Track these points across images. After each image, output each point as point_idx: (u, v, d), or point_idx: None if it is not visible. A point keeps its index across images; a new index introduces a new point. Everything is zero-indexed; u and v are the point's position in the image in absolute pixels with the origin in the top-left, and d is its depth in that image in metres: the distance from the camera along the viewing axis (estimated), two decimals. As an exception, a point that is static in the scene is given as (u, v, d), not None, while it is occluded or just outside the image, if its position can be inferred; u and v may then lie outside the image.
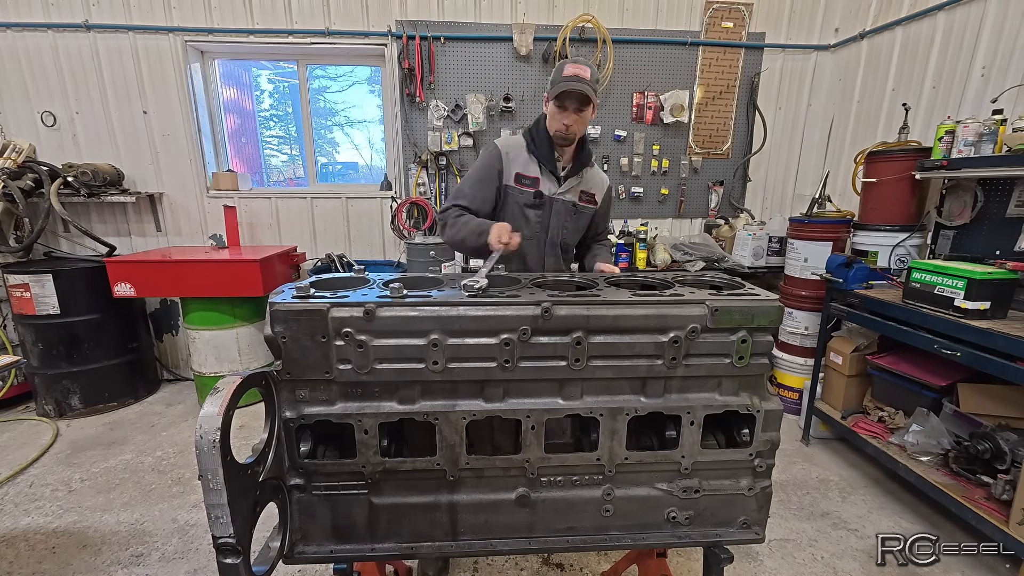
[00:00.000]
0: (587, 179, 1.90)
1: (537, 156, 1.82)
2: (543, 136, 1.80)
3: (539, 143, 1.81)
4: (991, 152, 2.33)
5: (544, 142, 1.80)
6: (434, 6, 3.58)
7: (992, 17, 2.67)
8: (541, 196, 1.82)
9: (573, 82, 1.64)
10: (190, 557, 2.08)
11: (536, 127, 1.84)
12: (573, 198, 1.88)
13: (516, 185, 1.82)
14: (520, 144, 1.85)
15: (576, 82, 1.64)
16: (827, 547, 2.17)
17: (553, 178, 1.84)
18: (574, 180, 1.87)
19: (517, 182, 1.82)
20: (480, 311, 1.05)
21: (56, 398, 3.33)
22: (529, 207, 1.83)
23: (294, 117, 5.22)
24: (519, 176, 1.82)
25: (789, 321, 3.34)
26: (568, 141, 1.77)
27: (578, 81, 1.64)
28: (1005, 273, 2.00)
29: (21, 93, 3.46)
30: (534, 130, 1.84)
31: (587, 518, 1.18)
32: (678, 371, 1.11)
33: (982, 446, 2.06)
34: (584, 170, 1.88)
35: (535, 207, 1.84)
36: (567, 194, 1.86)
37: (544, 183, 1.83)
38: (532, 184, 1.82)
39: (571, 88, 1.63)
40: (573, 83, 1.64)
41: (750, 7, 3.77)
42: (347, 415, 1.07)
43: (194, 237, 3.84)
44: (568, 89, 1.64)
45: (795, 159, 4.13)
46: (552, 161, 1.82)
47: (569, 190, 1.86)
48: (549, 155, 1.81)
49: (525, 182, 1.82)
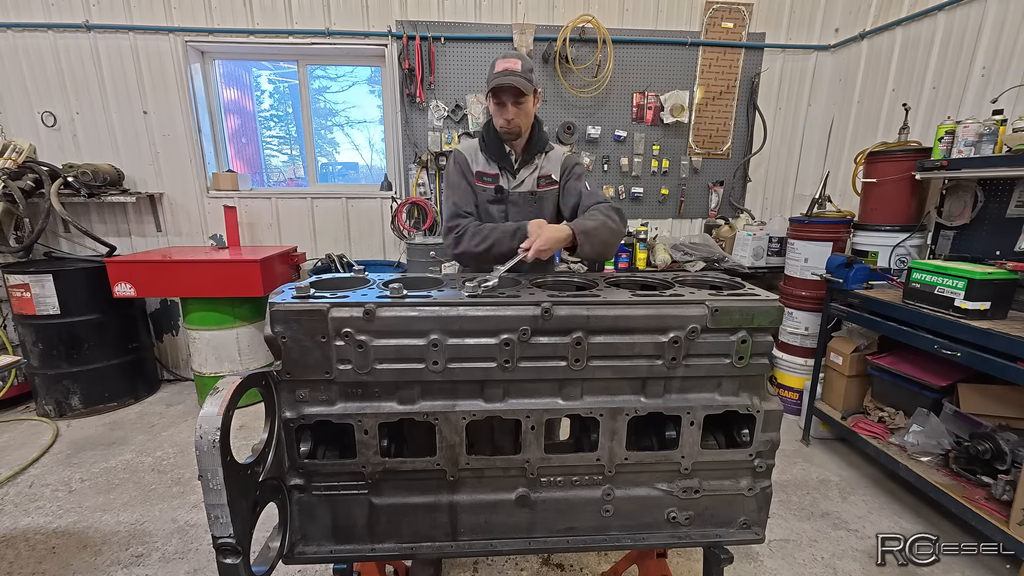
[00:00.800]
0: (543, 164, 1.88)
1: (491, 154, 1.84)
2: (492, 134, 1.82)
3: (489, 141, 1.84)
4: (991, 152, 2.33)
5: (493, 139, 1.83)
6: (434, 6, 3.58)
7: (992, 17, 2.67)
8: (501, 191, 1.85)
9: (503, 76, 1.64)
10: (190, 557, 2.08)
11: (487, 126, 1.86)
12: (530, 187, 1.87)
13: (479, 184, 1.86)
14: (475, 146, 1.89)
15: (506, 76, 1.64)
16: (827, 547, 2.17)
17: (508, 172, 1.86)
18: (528, 169, 1.87)
19: (479, 180, 1.86)
20: (480, 311, 1.05)
21: (56, 398, 3.33)
22: (491, 203, 1.87)
23: (294, 117, 5.23)
24: (480, 175, 1.86)
25: (789, 321, 3.33)
26: (514, 135, 1.78)
27: (508, 75, 1.64)
28: (1005, 273, 2.00)
29: (21, 93, 3.46)
30: (484, 129, 1.86)
31: (587, 518, 1.18)
32: (678, 371, 1.11)
33: (982, 446, 2.06)
34: (537, 156, 1.87)
35: (496, 202, 1.86)
36: (522, 186, 1.86)
37: (502, 178, 1.85)
38: (492, 180, 1.86)
39: (501, 83, 1.64)
40: (503, 78, 1.64)
41: (750, 7, 3.77)
42: (347, 415, 1.07)
43: (194, 237, 3.84)
44: (499, 84, 1.64)
45: (795, 159, 4.13)
46: (504, 156, 1.83)
47: (523, 181, 1.86)
48: (500, 150, 1.83)
49: (486, 179, 1.86)
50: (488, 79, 1.71)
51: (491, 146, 1.84)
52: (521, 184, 1.86)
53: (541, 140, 1.87)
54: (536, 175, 1.87)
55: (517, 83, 1.64)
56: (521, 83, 1.65)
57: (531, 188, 1.87)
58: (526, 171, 1.86)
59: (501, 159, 1.83)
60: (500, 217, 1.86)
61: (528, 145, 1.85)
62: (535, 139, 1.85)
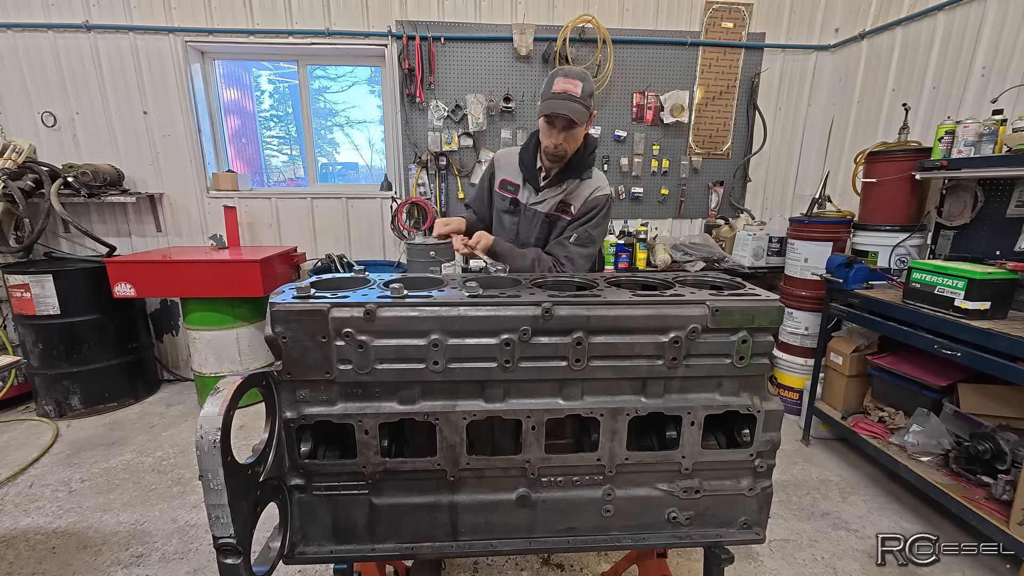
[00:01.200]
0: (572, 191, 1.79)
1: (522, 164, 1.82)
2: (532, 145, 1.79)
3: (526, 152, 1.81)
4: (991, 152, 2.33)
5: (531, 152, 1.79)
6: (434, 6, 3.58)
7: (992, 17, 2.67)
8: (516, 204, 1.85)
9: (559, 101, 1.54)
10: (190, 557, 2.08)
11: (532, 136, 1.80)
12: (548, 209, 1.80)
13: (499, 191, 1.87)
14: (514, 152, 1.88)
15: (565, 100, 1.54)
16: (827, 547, 2.17)
17: (531, 187, 1.81)
18: (553, 190, 1.78)
19: (501, 188, 1.87)
20: (480, 311, 1.05)
21: (56, 398, 3.33)
22: (505, 213, 1.87)
23: (294, 117, 5.23)
24: (504, 183, 1.86)
25: (789, 321, 3.34)
26: (558, 159, 1.71)
27: (567, 99, 1.54)
28: (1005, 273, 2.00)
29: (21, 93, 3.46)
30: (529, 139, 1.82)
31: (587, 518, 1.18)
32: (678, 371, 1.11)
33: (982, 446, 2.06)
34: (568, 181, 1.77)
35: (510, 213, 1.87)
36: (542, 204, 1.80)
37: (523, 191, 1.83)
38: (513, 191, 1.85)
39: (556, 111, 1.55)
40: (559, 102, 1.54)
41: (750, 7, 3.77)
42: (347, 415, 1.07)
43: (194, 237, 3.84)
44: (553, 112, 1.55)
45: (795, 159, 4.13)
46: (533, 170, 1.79)
47: (545, 200, 1.80)
48: (531, 164, 1.79)
49: (508, 188, 1.85)
50: (543, 95, 1.61)
51: (526, 157, 1.80)
52: (541, 203, 1.80)
53: (581, 166, 1.76)
54: (559, 199, 1.79)
55: (573, 113, 1.54)
56: (577, 112, 1.54)
57: (548, 210, 1.80)
58: (551, 192, 1.79)
59: (529, 172, 1.80)
60: (511, 228, 1.86)
61: (565, 167, 1.75)
62: (574, 163, 1.75)
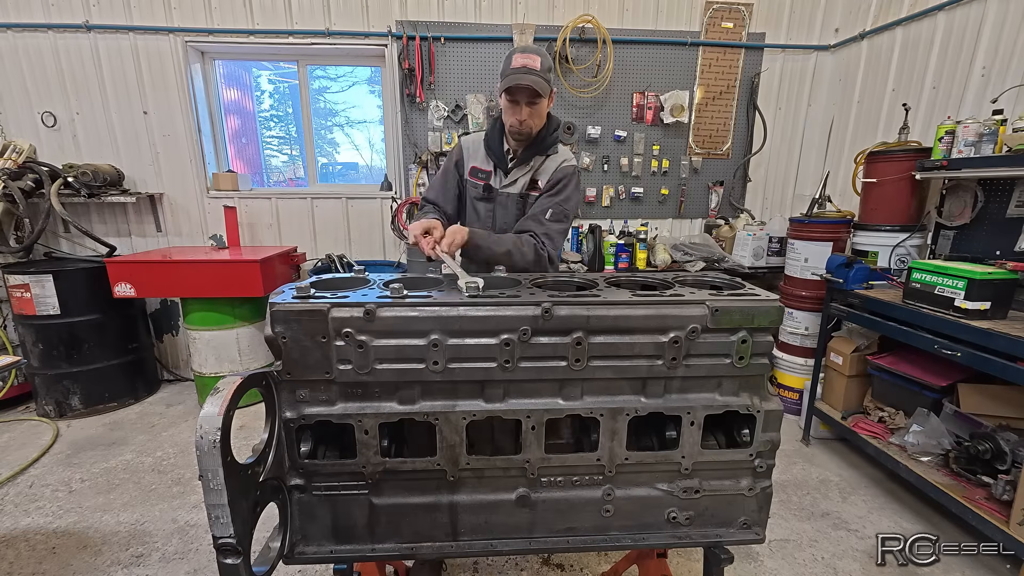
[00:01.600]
0: (540, 168, 1.77)
1: (489, 149, 1.77)
2: (497, 129, 1.75)
3: (491, 136, 1.76)
4: (991, 152, 2.33)
5: (496, 135, 1.75)
6: (434, 6, 3.58)
7: (992, 17, 2.67)
8: (490, 190, 1.78)
9: (520, 75, 1.52)
10: (190, 557, 2.08)
11: (493, 121, 1.79)
12: (520, 189, 1.77)
13: (471, 179, 1.81)
14: (479, 138, 1.82)
15: (525, 74, 1.52)
16: (827, 547, 2.17)
17: (502, 171, 1.78)
18: (520, 170, 1.76)
19: (472, 175, 1.81)
20: (480, 311, 1.05)
21: (56, 398, 3.33)
22: (480, 200, 1.81)
23: (294, 117, 5.22)
24: (474, 170, 1.80)
25: (789, 321, 3.34)
26: (524, 137, 1.69)
27: (527, 73, 1.52)
28: (1005, 273, 2.00)
29: (21, 93, 3.46)
30: (490, 124, 1.81)
31: (587, 518, 1.18)
32: (678, 371, 1.11)
33: (982, 446, 2.06)
34: (535, 159, 1.76)
35: (485, 200, 1.80)
36: (513, 186, 1.77)
37: (495, 177, 1.78)
38: (485, 177, 1.79)
39: (518, 83, 1.52)
40: (520, 76, 1.52)
41: (750, 7, 3.77)
42: (347, 415, 1.07)
43: (194, 237, 3.84)
44: (515, 84, 1.53)
45: (795, 159, 4.13)
46: (501, 153, 1.75)
47: (515, 181, 1.76)
48: (498, 147, 1.75)
49: (479, 175, 1.80)
50: (503, 73, 1.60)
51: (492, 142, 1.76)
52: (512, 184, 1.77)
53: (546, 142, 1.76)
54: (529, 177, 1.77)
55: (535, 84, 1.53)
56: (539, 84, 1.53)
57: (520, 191, 1.77)
58: (519, 171, 1.76)
59: (498, 156, 1.76)
60: (487, 216, 1.80)
61: (530, 145, 1.74)
62: (539, 140, 1.74)
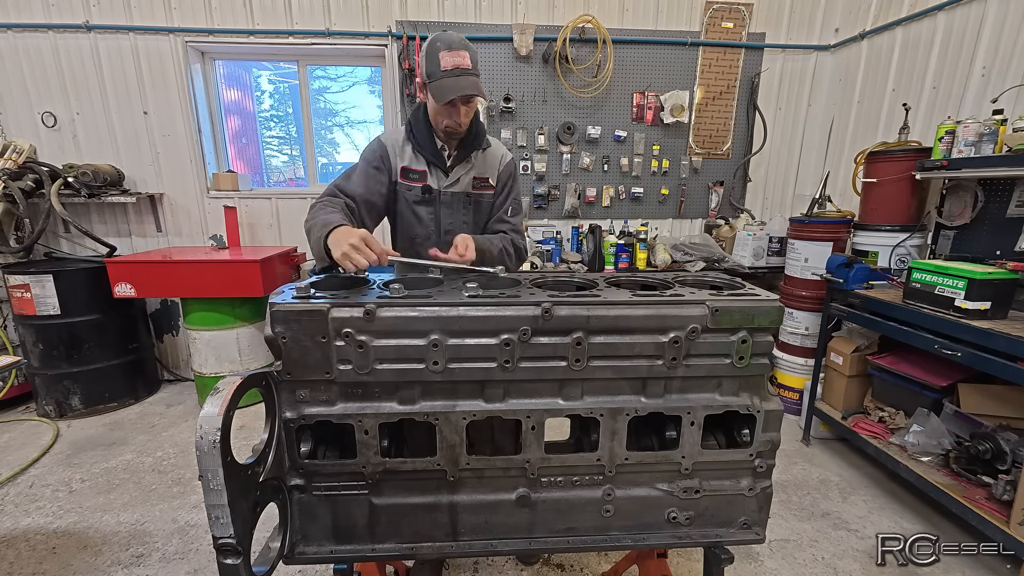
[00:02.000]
0: (479, 163, 1.70)
1: (420, 148, 1.64)
2: (424, 126, 1.62)
3: (420, 133, 1.63)
4: (991, 152, 2.33)
5: (425, 131, 1.62)
6: (434, 6, 3.58)
7: (992, 17, 2.67)
8: (430, 191, 1.65)
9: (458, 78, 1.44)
10: (190, 558, 2.08)
11: (416, 116, 1.64)
12: (465, 188, 1.69)
13: (404, 181, 1.66)
14: (401, 137, 1.67)
15: (461, 77, 1.44)
16: (827, 547, 2.17)
17: (439, 170, 1.66)
18: (462, 168, 1.68)
19: (404, 177, 1.65)
20: (480, 311, 1.05)
21: (56, 399, 3.33)
22: (419, 204, 1.67)
23: (294, 117, 5.23)
24: (406, 171, 1.65)
25: (789, 321, 3.33)
26: (459, 136, 1.62)
27: (464, 75, 1.45)
28: (1005, 273, 2.00)
29: (22, 94, 3.46)
30: (413, 119, 1.64)
31: (587, 518, 1.18)
32: (678, 371, 1.11)
33: (983, 446, 2.06)
34: (474, 154, 1.69)
35: (425, 203, 1.67)
36: (456, 185, 1.68)
37: (431, 176, 1.66)
38: (420, 178, 1.65)
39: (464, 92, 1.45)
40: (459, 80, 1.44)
41: (750, 7, 3.77)
42: (347, 415, 1.07)
43: (194, 237, 3.84)
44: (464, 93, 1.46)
45: (795, 159, 4.13)
46: (436, 151, 1.64)
47: (458, 180, 1.68)
48: (432, 145, 1.63)
49: (413, 176, 1.65)
50: (431, 73, 1.47)
51: (422, 139, 1.62)
52: (455, 183, 1.68)
53: (480, 135, 1.68)
54: (472, 175, 1.69)
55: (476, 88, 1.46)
56: (478, 86, 1.47)
57: (466, 189, 1.70)
58: (461, 169, 1.68)
59: (433, 155, 1.64)
60: (430, 220, 1.69)
61: (464, 141, 1.66)
62: (473, 134, 1.66)
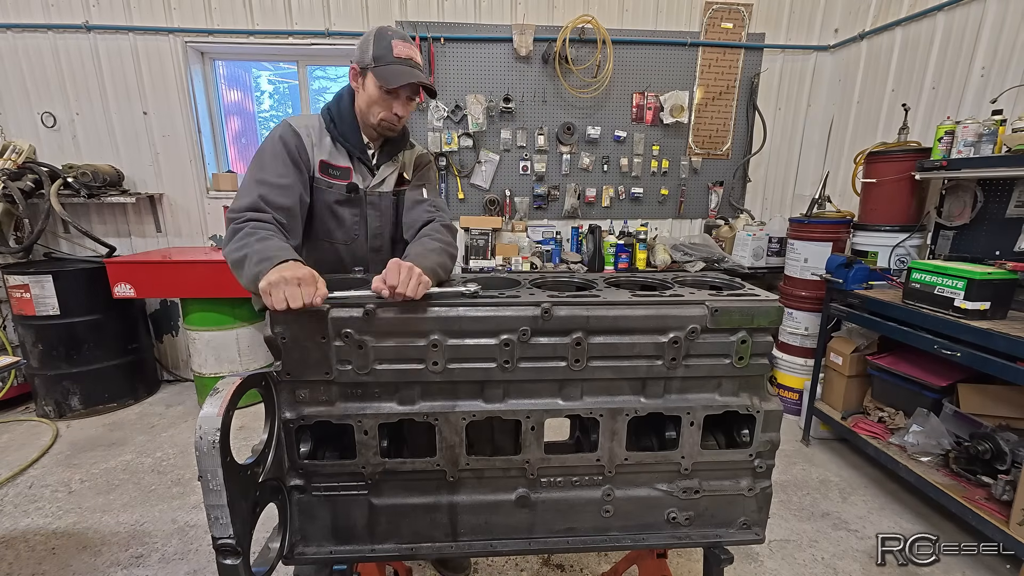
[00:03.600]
0: (404, 163, 1.59)
1: (343, 141, 1.45)
2: (350, 117, 1.44)
3: (344, 125, 1.44)
4: (991, 152, 2.33)
5: (350, 124, 1.44)
6: (434, 7, 3.58)
7: (992, 17, 2.67)
8: (356, 190, 1.46)
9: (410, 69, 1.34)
10: (190, 558, 2.08)
11: (339, 105, 1.46)
12: (391, 187, 1.55)
13: (323, 176, 1.43)
14: (317, 126, 1.46)
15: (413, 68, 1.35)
16: (827, 548, 2.17)
17: (364, 167, 1.50)
18: (389, 167, 1.54)
19: (324, 172, 1.43)
20: (480, 312, 1.05)
21: (56, 399, 3.32)
22: (341, 204, 1.46)
23: (294, 118, 5.22)
24: (325, 165, 1.43)
25: (789, 321, 3.33)
26: (395, 132, 1.48)
27: (414, 66, 1.36)
28: (1005, 273, 2.00)
29: (21, 94, 3.46)
30: (335, 109, 1.45)
31: (587, 519, 1.18)
32: (678, 372, 1.11)
33: (982, 446, 2.06)
34: (401, 153, 1.57)
35: (348, 204, 1.47)
36: (383, 185, 1.53)
37: (356, 174, 1.48)
38: (343, 175, 1.45)
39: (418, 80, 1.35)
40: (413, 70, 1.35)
41: (750, 8, 3.77)
42: (347, 416, 1.07)
43: (194, 238, 3.84)
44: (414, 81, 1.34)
45: (795, 159, 4.13)
46: (362, 146, 1.47)
47: (384, 180, 1.53)
48: (358, 139, 1.46)
49: (334, 173, 1.44)
50: (380, 57, 1.34)
51: (345, 131, 1.44)
52: (382, 183, 1.53)
53: (407, 135, 1.58)
54: (397, 173, 1.56)
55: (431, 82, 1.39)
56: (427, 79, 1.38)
57: (392, 188, 1.55)
58: (388, 169, 1.54)
59: (359, 149, 1.47)
60: (354, 222, 1.50)
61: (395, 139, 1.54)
62: (401, 133, 1.54)
